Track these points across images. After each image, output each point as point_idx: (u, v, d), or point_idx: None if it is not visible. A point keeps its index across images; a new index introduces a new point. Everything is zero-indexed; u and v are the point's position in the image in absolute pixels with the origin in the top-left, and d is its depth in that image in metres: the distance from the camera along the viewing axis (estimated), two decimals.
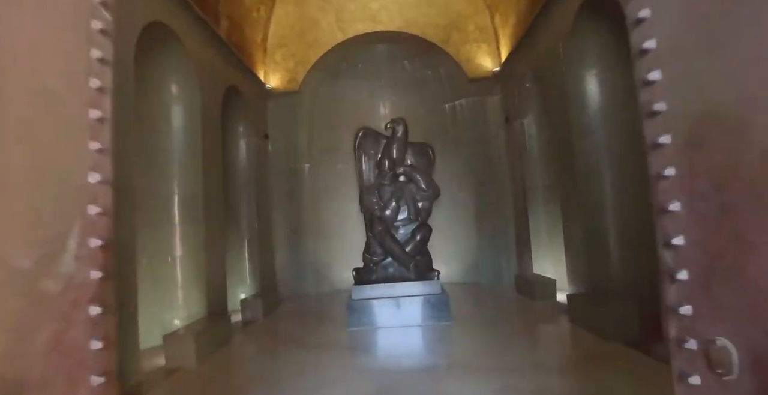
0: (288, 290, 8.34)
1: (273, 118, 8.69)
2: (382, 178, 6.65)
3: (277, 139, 8.62)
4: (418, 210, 6.68)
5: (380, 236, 6.15)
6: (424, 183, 6.60)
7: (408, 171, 6.70)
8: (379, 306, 5.48)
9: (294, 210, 8.60)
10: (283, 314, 6.87)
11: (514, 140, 8.00)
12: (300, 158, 8.73)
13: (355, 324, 5.44)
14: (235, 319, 6.43)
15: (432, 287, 5.57)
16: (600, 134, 5.44)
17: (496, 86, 8.61)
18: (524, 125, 7.66)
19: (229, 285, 6.89)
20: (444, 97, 9.00)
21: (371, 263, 6.21)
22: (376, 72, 9.20)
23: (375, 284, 5.69)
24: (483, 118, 8.68)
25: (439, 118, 9.05)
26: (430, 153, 7.26)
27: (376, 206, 6.53)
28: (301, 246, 8.55)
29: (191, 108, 5.61)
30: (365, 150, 7.35)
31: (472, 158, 8.70)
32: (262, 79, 8.56)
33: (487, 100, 8.68)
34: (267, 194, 8.28)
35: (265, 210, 8.08)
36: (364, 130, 7.37)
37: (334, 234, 8.80)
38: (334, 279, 8.54)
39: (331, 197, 8.88)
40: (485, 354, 4.23)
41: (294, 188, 8.65)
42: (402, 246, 6.15)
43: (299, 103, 8.78)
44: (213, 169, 5.97)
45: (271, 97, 8.73)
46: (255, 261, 7.46)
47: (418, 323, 5.43)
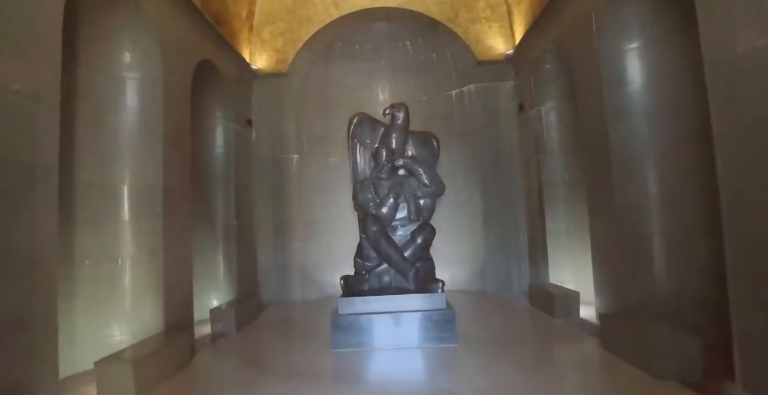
0: (271, 296, 7.42)
1: (258, 102, 7.75)
2: (378, 171, 5.70)
3: (261, 126, 7.69)
4: (419, 208, 5.76)
5: (375, 238, 5.22)
6: (426, 177, 5.67)
7: (408, 163, 5.77)
8: (371, 323, 4.56)
9: (279, 206, 7.66)
10: (260, 326, 5.94)
11: (528, 130, 7.08)
12: (287, 148, 7.78)
13: (342, 344, 4.53)
14: (203, 332, 5.53)
15: (435, 302, 4.65)
16: (641, 119, 4.51)
17: (509, 71, 7.68)
18: (542, 113, 6.73)
19: (200, 291, 5.98)
20: (450, 82, 8.05)
21: (363, 269, 5.30)
22: (374, 53, 8.25)
23: (367, 296, 4.76)
24: (493, 106, 7.73)
25: (444, 105, 8.11)
26: (434, 143, 6.34)
27: (371, 203, 5.60)
28: (287, 247, 7.62)
29: (150, 83, 4.67)
30: (360, 139, 6.42)
31: (480, 150, 7.75)
32: (246, 59, 7.63)
33: (498, 86, 7.74)
34: (249, 187, 7.35)
35: (247, 206, 7.16)
36: (359, 116, 6.44)
37: (324, 234, 7.87)
38: (324, 284, 7.62)
39: (321, 193, 7.95)
40: (501, 391, 3.32)
41: (280, 181, 7.71)
42: (400, 250, 5.23)
43: (288, 86, 7.83)
44: (178, 157, 5.03)
45: (256, 79, 7.79)
46: (232, 264, 6.54)
47: (416, 344, 4.52)
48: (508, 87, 7.70)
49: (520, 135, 7.46)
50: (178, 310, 4.80)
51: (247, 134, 7.39)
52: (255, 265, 7.40)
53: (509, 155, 7.60)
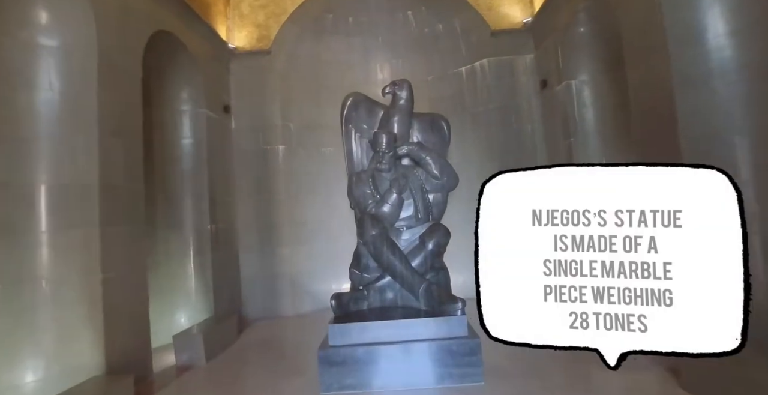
0: (257, 311, 6.39)
1: (237, 86, 6.68)
2: (378, 161, 4.60)
3: (241, 113, 6.62)
4: (428, 205, 4.67)
5: (375, 244, 4.14)
6: (436, 167, 4.56)
7: (414, 151, 4.67)
8: (372, 357, 3.51)
9: (264, 206, 6.61)
10: (238, 352, 4.91)
11: (554, 109, 5.98)
12: (272, 138, 6.72)
13: (334, 385, 3.48)
14: (166, 362, 4.50)
15: (454, 327, 3.59)
16: (722, 83, 3.40)
17: (528, 41, 6.57)
18: (572, 87, 5.62)
19: (165, 312, 4.97)
20: (459, 57, 6.96)
21: (361, 283, 4.25)
22: (370, 27, 7.16)
23: (366, 322, 3.71)
24: (511, 83, 6.64)
25: (453, 85, 7.02)
26: (444, 127, 5.23)
27: (369, 200, 4.50)
28: (275, 253, 6.58)
29: (78, 54, 3.63)
30: (356, 124, 5.30)
31: (495, 136, 6.69)
32: (222, 37, 6.56)
33: (515, 60, 6.64)
34: (228, 185, 6.30)
35: (225, 207, 6.11)
36: (354, 96, 5.32)
37: (317, 237, 6.82)
38: (318, 295, 6.56)
39: (313, 189, 6.89)
40: None
41: (264, 177, 6.65)
42: (407, 259, 4.15)
43: (271, 66, 6.75)
44: (124, 147, 4.00)
45: (234, 59, 6.72)
46: (206, 275, 5.50)
47: (431, 384, 3.46)
48: (528, 61, 6.60)
49: (543, 117, 6.38)
50: (127, 345, 3.77)
51: (224, 123, 6.33)
52: (237, 275, 6.36)
53: (531, 141, 6.53)
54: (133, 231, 4.09)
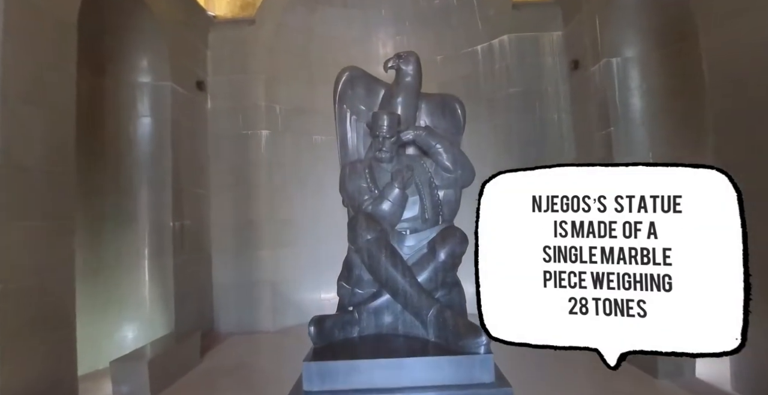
0: (231, 325, 5.45)
1: (215, 60, 5.76)
2: (377, 148, 3.59)
3: (219, 91, 5.70)
4: (437, 204, 3.68)
5: (371, 252, 3.15)
6: (448, 158, 3.53)
7: (422, 137, 3.65)
8: None
9: (243, 201, 5.67)
10: (196, 381, 3.95)
11: (588, 94, 5.07)
12: (254, 121, 5.77)
13: None
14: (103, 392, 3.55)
15: (477, 370, 2.63)
16: None
17: (556, 15, 5.70)
18: (612, 67, 4.69)
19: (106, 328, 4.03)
20: (476, 34, 6.04)
21: (351, 302, 3.29)
22: None
23: (356, 360, 2.75)
24: (535, 64, 5.75)
25: (467, 65, 6.11)
26: (458, 110, 4.23)
27: (366, 196, 3.51)
28: (253, 257, 5.63)
29: None
30: (352, 103, 4.26)
31: (515, 125, 5.78)
32: (200, 2, 5.62)
33: (541, 37, 5.74)
34: (199, 175, 5.36)
35: (194, 200, 5.17)
36: (350, 71, 4.28)
37: (304, 239, 5.88)
38: (303, 306, 5.63)
39: (301, 182, 5.96)
40: None
41: (243, 166, 5.71)
42: (411, 272, 3.18)
43: (255, 38, 5.81)
44: (44, 120, 3.05)
45: (213, 29, 5.78)
46: (166, 282, 4.56)
47: None
48: (555, 38, 5.70)
49: (573, 102, 5.46)
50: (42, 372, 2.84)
51: (196, 101, 5.38)
52: (208, 283, 5.43)
53: (558, 131, 5.63)
54: (60, 229, 3.16)
